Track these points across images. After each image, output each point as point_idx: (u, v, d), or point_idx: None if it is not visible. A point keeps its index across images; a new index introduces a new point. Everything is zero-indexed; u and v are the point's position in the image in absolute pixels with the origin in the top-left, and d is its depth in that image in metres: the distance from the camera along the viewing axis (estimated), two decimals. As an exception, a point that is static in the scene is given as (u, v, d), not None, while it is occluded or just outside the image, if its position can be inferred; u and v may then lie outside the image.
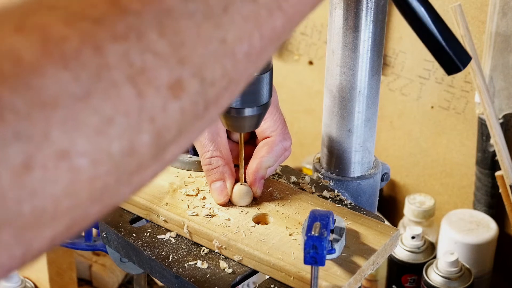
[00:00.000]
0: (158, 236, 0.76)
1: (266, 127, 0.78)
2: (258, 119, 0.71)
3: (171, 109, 0.36)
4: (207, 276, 0.71)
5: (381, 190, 0.90)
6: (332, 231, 0.70)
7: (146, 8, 0.36)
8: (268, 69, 0.69)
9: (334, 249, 0.69)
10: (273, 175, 0.84)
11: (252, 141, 0.82)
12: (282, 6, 0.42)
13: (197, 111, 0.38)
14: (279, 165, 0.84)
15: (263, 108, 0.70)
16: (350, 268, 0.69)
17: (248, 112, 0.70)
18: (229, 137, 0.82)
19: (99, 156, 0.34)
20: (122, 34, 0.35)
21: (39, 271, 1.26)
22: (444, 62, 0.67)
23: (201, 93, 0.38)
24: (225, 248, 0.73)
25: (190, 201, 0.79)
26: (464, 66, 0.67)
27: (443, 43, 0.66)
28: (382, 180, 0.86)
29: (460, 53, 0.67)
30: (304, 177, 0.84)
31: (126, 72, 0.34)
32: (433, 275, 1.17)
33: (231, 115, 0.70)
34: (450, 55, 0.67)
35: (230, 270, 0.72)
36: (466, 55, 0.67)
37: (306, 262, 0.63)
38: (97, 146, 0.33)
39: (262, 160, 0.78)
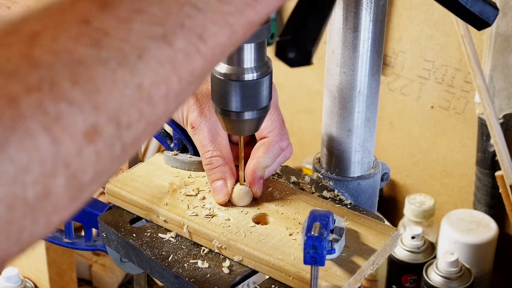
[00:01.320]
0: (158, 236, 0.76)
1: (263, 127, 0.78)
2: (257, 122, 0.71)
3: (86, 153, 0.38)
4: (207, 276, 0.71)
5: (381, 190, 0.91)
6: (332, 231, 0.70)
7: (57, 59, 0.37)
8: (268, 72, 0.69)
9: (334, 249, 0.69)
10: (273, 175, 0.84)
11: (253, 141, 0.82)
12: (201, 49, 0.43)
13: (114, 153, 0.39)
14: (280, 165, 0.84)
15: (263, 112, 0.70)
16: (350, 268, 0.69)
17: (247, 115, 0.70)
18: (229, 138, 0.82)
19: (14, 202, 0.35)
20: (35, 85, 0.36)
21: (39, 271, 1.26)
22: (472, 22, 0.68)
23: (118, 136, 0.39)
24: (225, 248, 0.73)
25: (190, 201, 0.79)
26: (492, 21, 0.68)
27: (466, 5, 0.67)
28: (382, 180, 0.86)
29: (485, 10, 0.67)
30: (304, 177, 0.84)
31: (41, 121, 0.36)
32: (433, 275, 1.17)
33: (231, 119, 0.70)
34: (476, 14, 0.67)
35: (230, 270, 0.72)
36: (491, 10, 0.68)
37: (306, 262, 0.63)
38: (12, 193, 0.35)
39: (258, 160, 0.78)
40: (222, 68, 0.67)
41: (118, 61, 0.39)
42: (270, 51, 1.55)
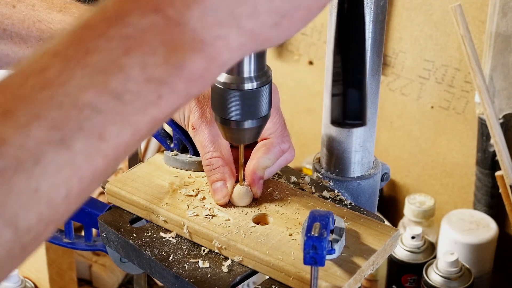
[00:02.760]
0: (158, 237, 0.76)
1: (265, 128, 0.78)
2: (257, 131, 0.72)
3: None
4: (207, 276, 0.71)
5: (381, 190, 0.91)
6: (332, 232, 0.70)
7: None
8: (267, 81, 0.69)
9: (334, 250, 0.69)
10: (273, 175, 0.84)
11: (253, 144, 0.82)
12: (102, 150, 0.43)
13: (13, 254, 0.41)
14: (280, 167, 0.84)
15: (263, 120, 0.71)
16: (350, 268, 0.69)
17: (247, 124, 0.70)
18: None
19: None
20: None
21: (39, 271, 1.26)
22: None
23: (16, 240, 0.41)
24: (225, 248, 0.73)
25: (190, 202, 0.79)
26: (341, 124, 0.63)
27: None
28: (382, 180, 0.86)
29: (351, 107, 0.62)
30: (304, 177, 0.84)
31: None
32: (433, 275, 1.17)
33: (231, 127, 0.70)
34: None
35: (230, 270, 0.72)
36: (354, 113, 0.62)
37: (305, 262, 0.63)
38: None
39: (259, 160, 0.78)
40: (222, 77, 0.67)
41: (14, 169, 0.40)
42: (269, 55, 1.53)
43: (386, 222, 0.78)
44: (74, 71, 0.42)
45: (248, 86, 0.67)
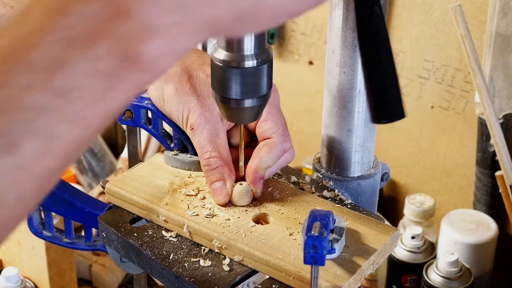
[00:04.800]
0: (158, 236, 0.76)
1: (267, 128, 0.79)
2: (258, 110, 0.71)
3: None
4: (207, 275, 0.71)
5: (381, 190, 0.91)
6: (332, 231, 0.70)
7: None
8: (268, 60, 0.68)
9: (334, 249, 0.69)
10: (273, 175, 0.84)
11: (253, 143, 0.82)
12: (52, 149, 0.42)
13: None
14: (281, 167, 0.84)
15: (263, 100, 0.70)
16: (350, 268, 0.69)
17: (248, 103, 0.69)
18: (228, 140, 0.81)
19: None
20: None
21: (39, 271, 1.26)
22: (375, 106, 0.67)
23: None
24: (225, 248, 0.73)
25: (190, 201, 0.79)
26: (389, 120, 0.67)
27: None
28: (382, 180, 0.86)
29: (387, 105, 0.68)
30: (304, 177, 0.84)
31: None
32: (433, 275, 1.17)
33: (231, 106, 0.70)
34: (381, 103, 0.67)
35: (230, 269, 0.72)
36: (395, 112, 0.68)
37: (306, 262, 0.63)
38: None
39: (261, 160, 0.78)
40: (222, 54, 0.67)
41: None
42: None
43: (386, 222, 0.78)
44: (13, 72, 0.40)
45: (248, 64, 0.67)
